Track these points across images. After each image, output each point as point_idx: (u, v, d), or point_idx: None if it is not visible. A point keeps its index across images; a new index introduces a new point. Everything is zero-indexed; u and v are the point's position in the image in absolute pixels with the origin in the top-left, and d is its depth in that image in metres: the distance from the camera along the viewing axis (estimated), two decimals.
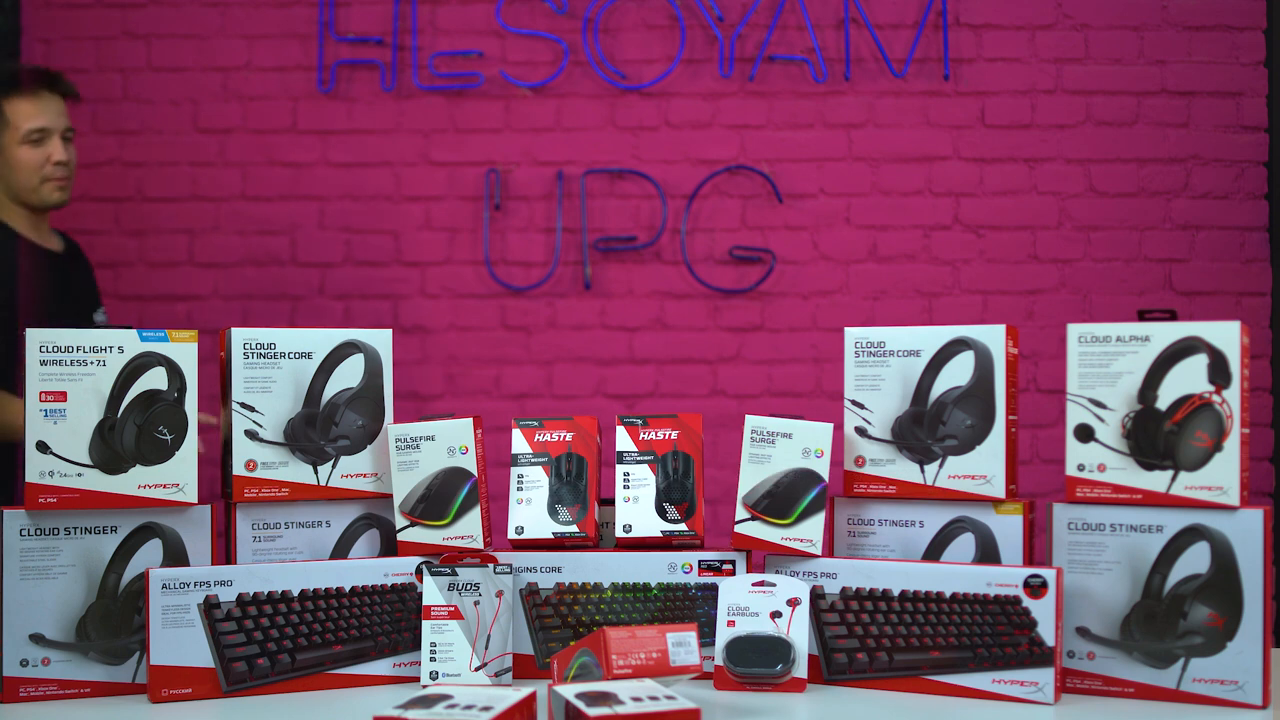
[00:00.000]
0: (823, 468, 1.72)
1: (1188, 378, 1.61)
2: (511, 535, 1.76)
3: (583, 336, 3.40)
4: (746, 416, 1.76)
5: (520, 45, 3.41)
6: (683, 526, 1.75)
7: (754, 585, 1.68)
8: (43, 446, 1.61)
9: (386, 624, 1.69)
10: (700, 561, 1.73)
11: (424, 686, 1.59)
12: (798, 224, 3.40)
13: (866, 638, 1.65)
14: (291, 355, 1.76)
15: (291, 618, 1.65)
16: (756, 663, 1.62)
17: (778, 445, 1.73)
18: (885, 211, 3.40)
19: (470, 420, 1.76)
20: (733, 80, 3.40)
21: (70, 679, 1.61)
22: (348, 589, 1.69)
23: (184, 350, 1.69)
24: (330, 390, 1.77)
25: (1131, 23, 3.39)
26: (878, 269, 3.40)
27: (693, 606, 1.72)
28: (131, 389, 1.66)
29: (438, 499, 1.74)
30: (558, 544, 1.76)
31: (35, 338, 1.63)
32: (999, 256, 3.39)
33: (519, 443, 1.81)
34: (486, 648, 1.64)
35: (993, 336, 1.73)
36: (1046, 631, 1.57)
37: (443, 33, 3.41)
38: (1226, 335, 1.60)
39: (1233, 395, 1.60)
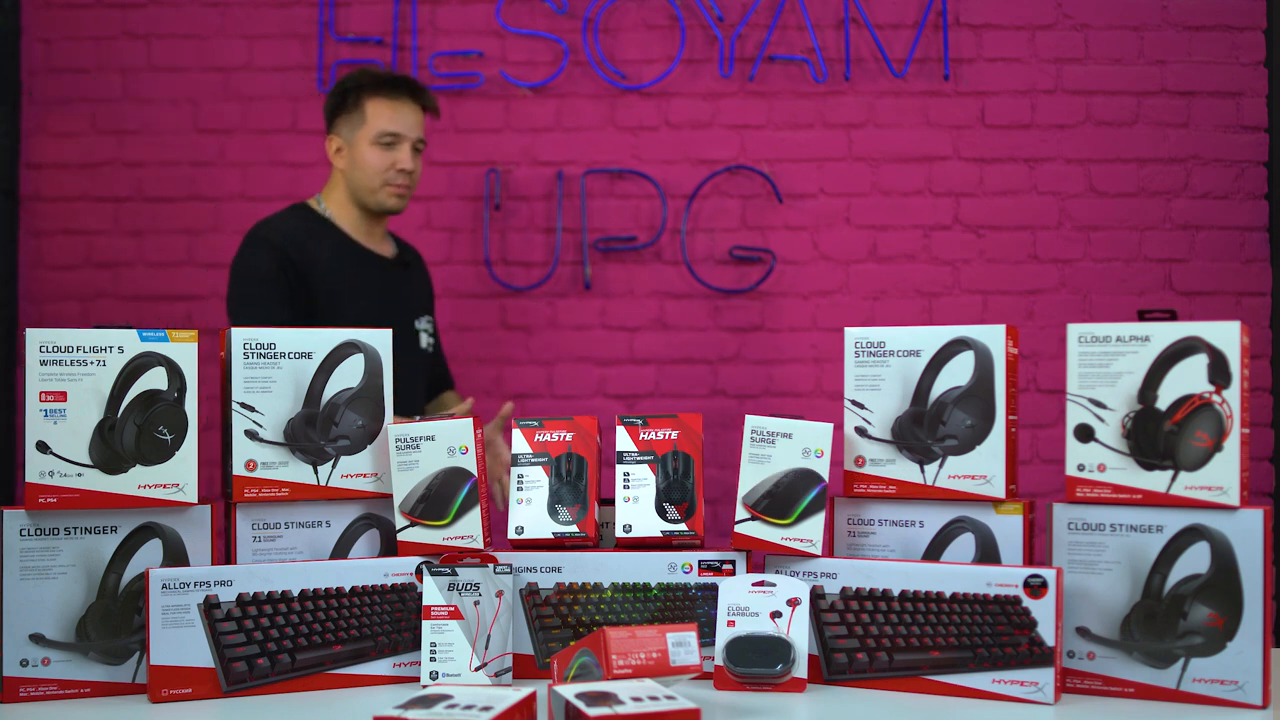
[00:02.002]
0: (823, 468, 1.72)
1: (1188, 378, 1.62)
2: (511, 535, 1.76)
3: (583, 336, 3.40)
4: (746, 416, 1.76)
5: (520, 45, 3.41)
6: (683, 526, 1.75)
7: (754, 585, 1.68)
8: (43, 446, 1.61)
9: (386, 624, 1.69)
10: (700, 561, 1.73)
11: (424, 686, 1.59)
12: (798, 224, 3.40)
13: (866, 638, 1.65)
14: (291, 355, 1.76)
15: (291, 618, 1.65)
16: (756, 663, 1.62)
17: (778, 445, 1.73)
18: (885, 211, 3.40)
19: (470, 420, 1.76)
20: (733, 80, 3.40)
21: (70, 679, 1.61)
22: (348, 589, 1.69)
23: (184, 350, 1.69)
24: (330, 390, 1.77)
25: (1131, 23, 3.39)
26: (878, 269, 3.40)
27: (693, 606, 1.72)
28: (131, 389, 1.66)
29: (438, 499, 1.74)
30: (558, 544, 1.76)
31: (35, 338, 1.63)
32: (999, 256, 3.39)
33: (519, 443, 1.81)
34: (486, 648, 1.64)
35: (993, 336, 1.73)
36: (1046, 631, 1.57)
37: (443, 33, 3.41)
38: (1226, 335, 1.61)
39: (1233, 395, 1.60)
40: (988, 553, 1.72)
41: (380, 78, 2.66)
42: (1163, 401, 1.62)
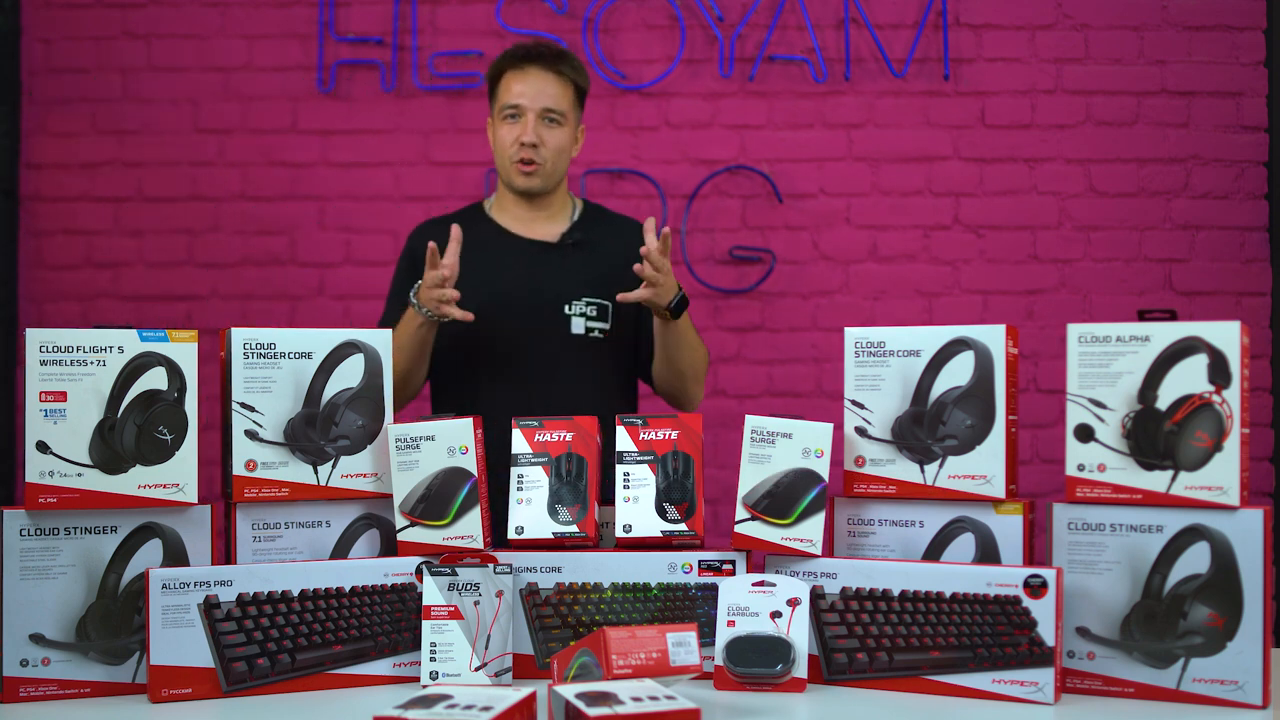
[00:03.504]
0: (823, 468, 1.72)
1: (1188, 378, 1.61)
2: (511, 535, 1.76)
3: None
4: (746, 416, 1.76)
5: None
6: (683, 526, 1.75)
7: (754, 585, 1.68)
8: (43, 446, 1.61)
9: (386, 624, 1.69)
10: (700, 561, 1.73)
11: (424, 686, 1.59)
12: (798, 224, 3.40)
13: (866, 638, 1.65)
14: (291, 355, 1.76)
15: (291, 618, 1.65)
16: (756, 663, 1.62)
17: (778, 445, 1.73)
18: (885, 211, 3.40)
19: (470, 420, 1.76)
20: (733, 80, 3.40)
21: (70, 679, 1.61)
22: (348, 589, 1.69)
23: (184, 350, 1.69)
24: (330, 390, 1.77)
25: (1131, 23, 3.39)
26: (878, 269, 3.40)
27: (693, 606, 1.72)
28: (131, 389, 1.66)
29: (438, 499, 1.74)
30: (558, 544, 1.76)
31: (35, 338, 1.63)
32: (999, 256, 3.39)
33: (519, 443, 1.81)
34: (486, 648, 1.64)
35: (993, 336, 1.73)
36: (1046, 631, 1.57)
37: (443, 33, 3.41)
38: (1226, 335, 1.61)
39: (1233, 395, 1.60)
40: (988, 553, 1.72)
41: (510, 52, 2.46)
42: (1163, 401, 1.62)
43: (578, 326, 2.41)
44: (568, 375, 2.36)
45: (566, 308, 2.40)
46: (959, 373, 1.74)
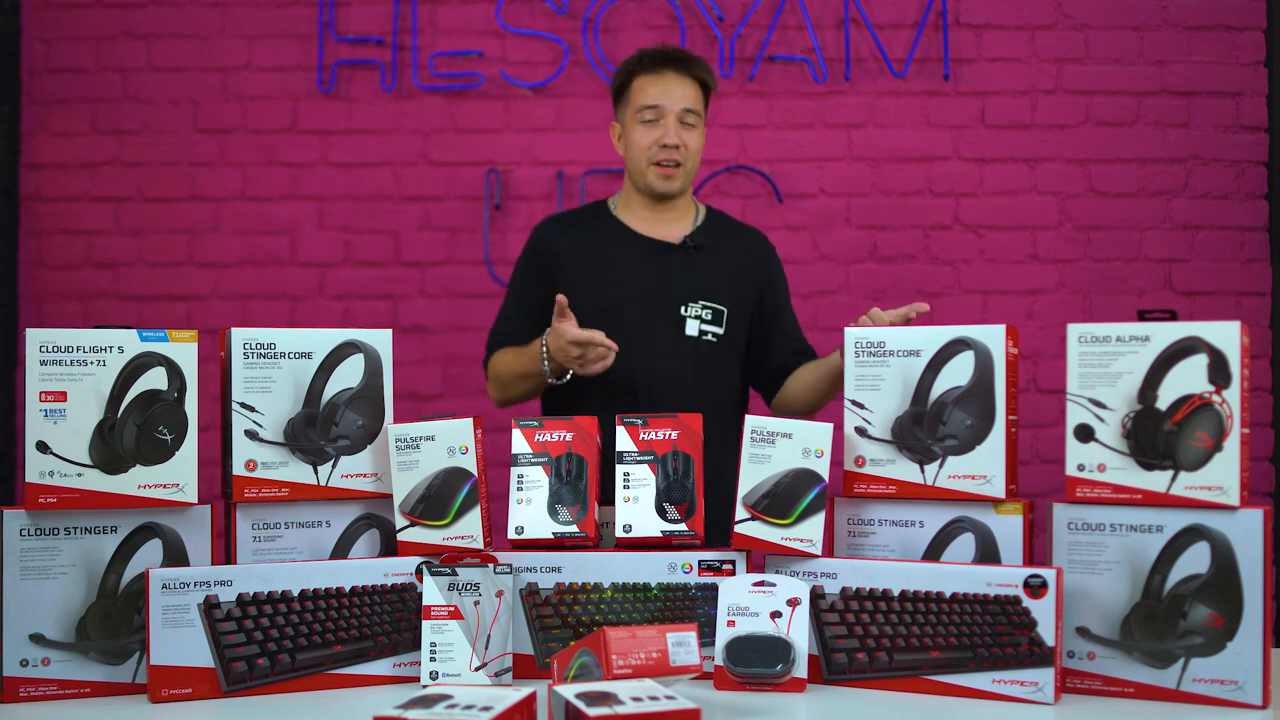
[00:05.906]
0: (823, 468, 1.72)
1: (1188, 378, 1.62)
2: (511, 535, 1.76)
3: None
4: (747, 416, 1.76)
5: (520, 45, 3.41)
6: (683, 526, 1.75)
7: (754, 585, 1.68)
8: (43, 446, 1.61)
9: (386, 624, 1.69)
10: (700, 561, 1.73)
11: (424, 686, 1.59)
12: (798, 224, 3.40)
13: (866, 638, 1.65)
14: (291, 355, 1.76)
15: (291, 618, 1.65)
16: (756, 663, 1.62)
17: (778, 445, 1.73)
18: (885, 211, 3.40)
19: (470, 420, 1.76)
20: (733, 80, 3.40)
21: (70, 679, 1.61)
22: (348, 589, 1.69)
23: (184, 350, 1.69)
24: (330, 390, 1.77)
25: (1131, 23, 3.39)
26: (878, 269, 3.40)
27: (693, 606, 1.72)
28: (131, 389, 1.66)
29: (438, 499, 1.74)
30: (558, 544, 1.76)
31: (35, 338, 1.63)
32: (999, 256, 3.39)
33: (519, 443, 1.81)
34: (486, 648, 1.64)
35: (993, 336, 1.73)
36: (1046, 631, 1.57)
37: (443, 33, 3.41)
38: (1226, 335, 1.61)
39: (1233, 395, 1.60)
40: (988, 553, 1.72)
41: (646, 54, 2.47)
42: (1163, 401, 1.62)
43: (691, 329, 2.38)
44: (679, 377, 2.32)
45: (682, 309, 2.38)
46: (959, 373, 1.74)
